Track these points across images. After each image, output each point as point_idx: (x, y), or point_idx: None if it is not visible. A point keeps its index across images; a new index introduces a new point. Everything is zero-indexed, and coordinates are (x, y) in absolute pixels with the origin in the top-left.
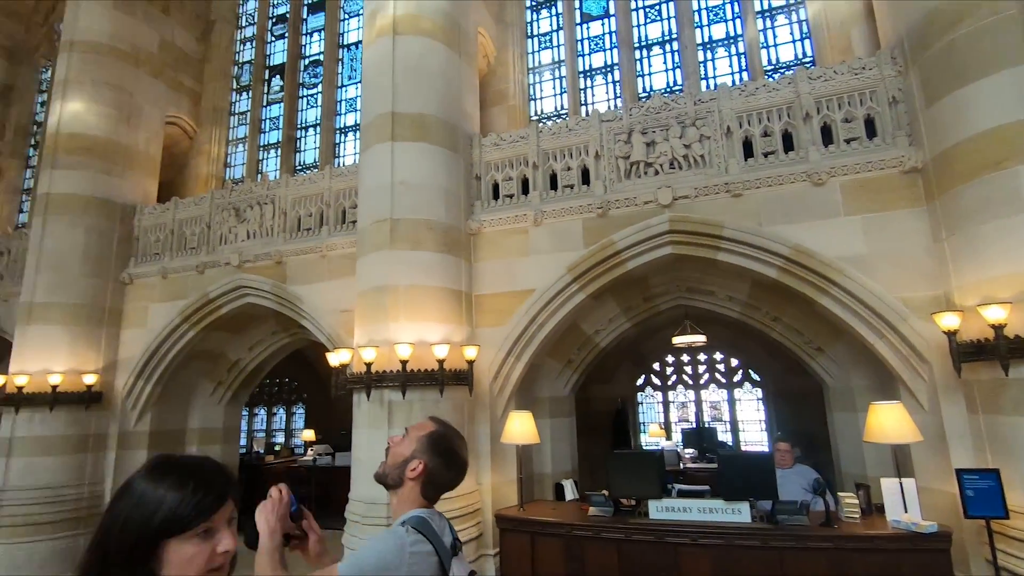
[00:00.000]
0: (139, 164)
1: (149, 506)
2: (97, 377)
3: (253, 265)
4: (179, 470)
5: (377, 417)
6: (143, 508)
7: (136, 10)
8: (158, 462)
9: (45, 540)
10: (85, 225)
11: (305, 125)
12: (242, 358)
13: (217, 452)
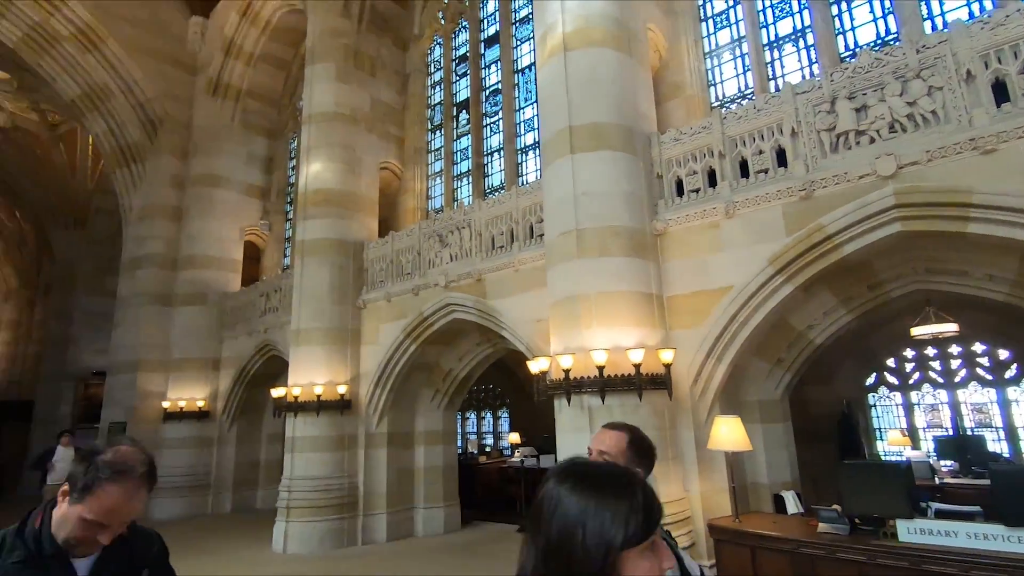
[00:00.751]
0: (363, 207)
1: (607, 517)
2: (347, 387)
3: (457, 284)
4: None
5: (579, 421)
6: (601, 519)
7: (352, 79)
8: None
9: (322, 521)
10: (330, 263)
11: (490, 151)
12: (453, 368)
13: (439, 452)
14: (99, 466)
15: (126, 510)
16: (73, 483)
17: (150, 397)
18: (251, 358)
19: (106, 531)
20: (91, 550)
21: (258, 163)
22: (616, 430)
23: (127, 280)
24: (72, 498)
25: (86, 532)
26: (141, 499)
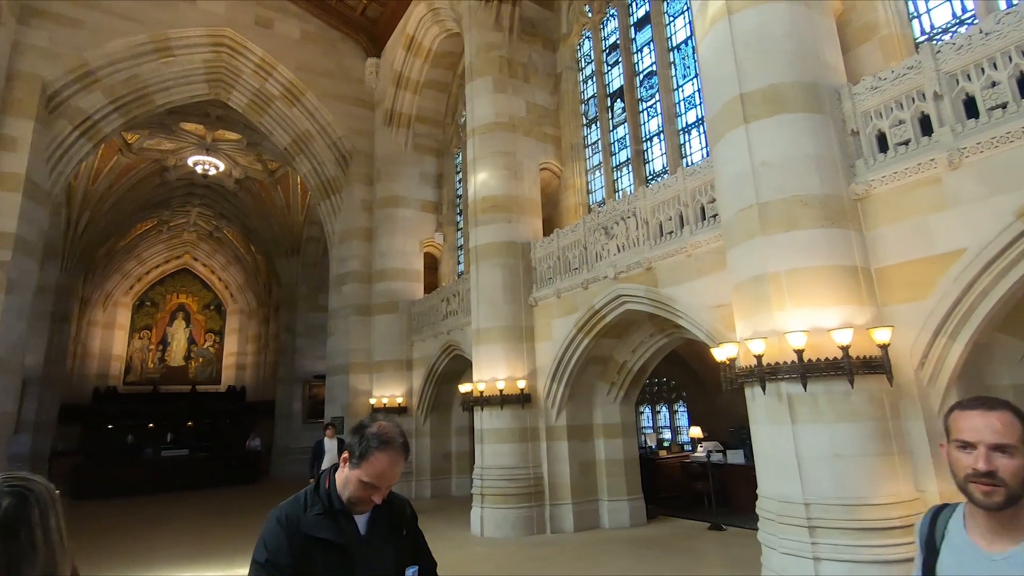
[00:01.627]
0: (527, 209)
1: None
2: (526, 382)
3: (627, 275)
4: None
5: (776, 412)
6: None
7: (507, 88)
8: None
9: (513, 508)
10: (501, 265)
11: (648, 136)
12: (627, 360)
13: (619, 446)
14: (369, 437)
15: (391, 474)
16: (351, 451)
17: (360, 395)
18: (437, 358)
19: (378, 492)
20: (366, 508)
21: (430, 181)
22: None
23: (335, 295)
24: (351, 464)
25: (363, 492)
26: (401, 466)
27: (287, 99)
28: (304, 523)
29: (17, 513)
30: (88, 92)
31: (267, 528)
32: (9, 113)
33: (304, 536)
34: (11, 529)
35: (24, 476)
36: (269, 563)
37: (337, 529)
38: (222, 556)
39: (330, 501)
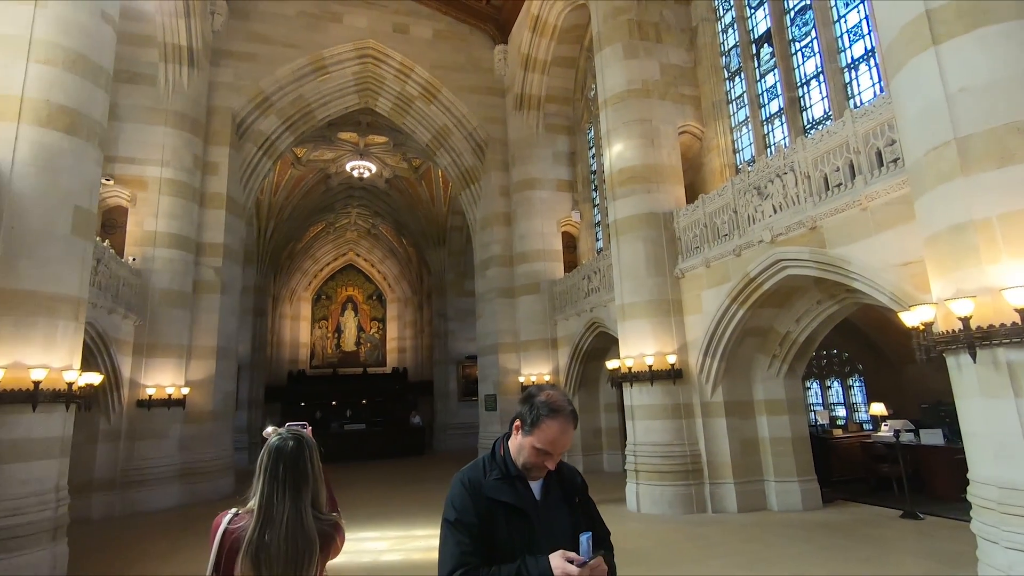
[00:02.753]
0: (667, 176)
1: None
2: (676, 357)
3: (786, 237)
4: None
5: (992, 383)
6: None
7: (639, 52)
8: None
9: (669, 486)
10: (642, 237)
11: (804, 80)
12: (791, 331)
13: (785, 423)
14: (538, 405)
15: (562, 441)
16: (523, 419)
17: (509, 373)
18: (581, 336)
19: (551, 458)
20: (540, 474)
21: (563, 160)
22: None
23: (480, 280)
24: (524, 431)
25: (537, 458)
26: (571, 433)
27: (425, 98)
28: (485, 487)
29: (299, 450)
30: (265, 116)
31: (453, 490)
32: (211, 143)
33: (486, 499)
34: (295, 460)
35: (297, 429)
36: (458, 521)
37: (515, 493)
38: (402, 519)
39: (506, 467)
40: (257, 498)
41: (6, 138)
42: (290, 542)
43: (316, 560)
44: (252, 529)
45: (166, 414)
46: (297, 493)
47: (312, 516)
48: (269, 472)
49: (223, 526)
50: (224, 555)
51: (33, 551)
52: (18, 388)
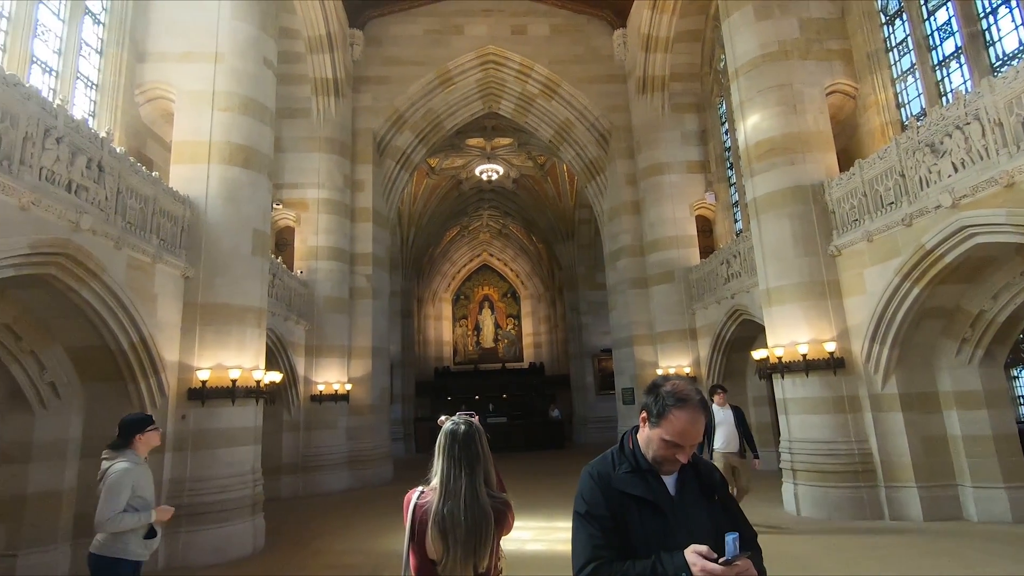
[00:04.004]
0: (813, 144)
1: None
2: (835, 344)
3: (972, 199)
4: None
5: None
6: None
7: (772, 11)
8: None
9: (833, 487)
10: (787, 214)
11: (990, 8)
12: (986, 310)
13: (984, 419)
14: (664, 396)
15: (692, 432)
16: (649, 411)
17: (646, 366)
18: (723, 325)
19: (682, 451)
20: (673, 468)
21: (692, 140)
22: None
23: (611, 271)
24: (651, 423)
25: (667, 451)
26: (701, 424)
27: (545, 95)
28: (615, 480)
29: (470, 433)
30: (400, 132)
31: (582, 483)
32: (357, 162)
33: (617, 492)
34: (468, 442)
35: (467, 416)
36: (589, 514)
37: (647, 487)
38: (544, 510)
39: (636, 460)
40: (439, 476)
41: (201, 177)
42: (469, 514)
43: (492, 532)
44: (437, 503)
45: (334, 407)
46: (471, 471)
47: (486, 493)
48: (447, 452)
49: (413, 502)
50: (416, 526)
51: (238, 522)
52: (220, 385)
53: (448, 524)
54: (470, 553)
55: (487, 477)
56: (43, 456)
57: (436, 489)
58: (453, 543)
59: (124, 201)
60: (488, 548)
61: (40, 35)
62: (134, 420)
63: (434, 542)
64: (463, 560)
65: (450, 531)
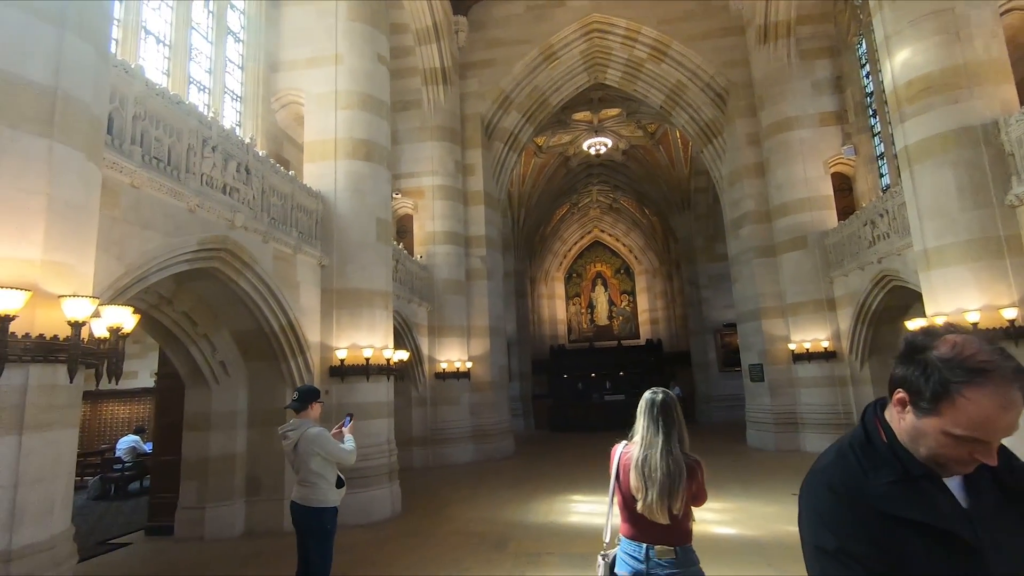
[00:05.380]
0: (984, 75)
1: None
2: (1018, 311)
3: None
4: None
5: None
6: None
7: None
8: None
9: None
10: (949, 162)
11: None
12: None
13: None
14: (942, 365)
15: (1003, 422)
16: (913, 389)
17: (776, 341)
18: (868, 293)
19: (984, 449)
20: (963, 470)
21: (826, 88)
22: None
23: (733, 241)
24: (920, 409)
25: (956, 451)
26: (1019, 407)
27: (655, 58)
28: (873, 494)
29: (667, 401)
30: (507, 113)
31: (818, 500)
32: (467, 147)
33: (882, 515)
34: (665, 408)
35: (663, 388)
36: (843, 552)
37: (932, 507)
38: None
39: (899, 461)
40: (640, 433)
41: (329, 172)
42: (664, 464)
43: (684, 481)
44: (638, 452)
45: (456, 384)
46: (668, 430)
47: (679, 450)
48: (647, 415)
49: (618, 452)
50: (621, 470)
51: (377, 488)
52: (356, 363)
53: (646, 470)
54: (665, 496)
55: (680, 437)
56: (219, 425)
57: (638, 443)
58: (651, 485)
59: (268, 199)
60: (681, 494)
61: (194, 58)
62: (312, 389)
63: (634, 483)
64: (659, 501)
65: (648, 476)
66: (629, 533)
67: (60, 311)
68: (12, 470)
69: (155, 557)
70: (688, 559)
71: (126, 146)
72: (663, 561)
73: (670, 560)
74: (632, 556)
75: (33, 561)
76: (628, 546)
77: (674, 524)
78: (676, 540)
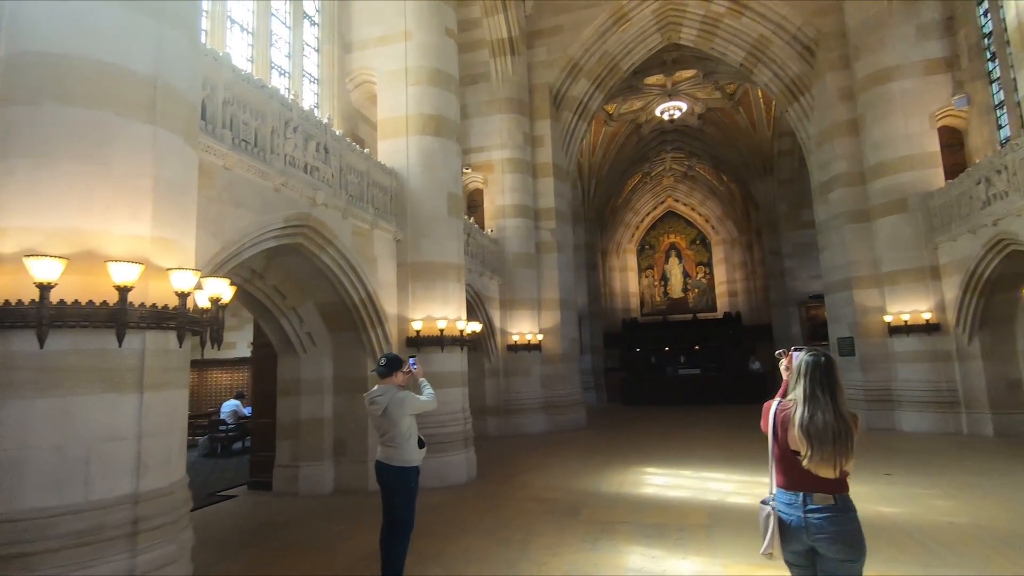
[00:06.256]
0: None
1: None
2: None
3: None
4: None
5: None
6: None
7: None
8: None
9: None
10: None
11: None
12: None
13: None
14: None
15: None
16: None
17: (869, 312)
18: (980, 259)
19: None
20: None
21: (932, 32)
22: None
23: (821, 206)
24: None
25: None
26: None
27: (734, 11)
28: None
29: (828, 362)
30: (576, 81)
31: None
32: (535, 118)
33: None
34: (827, 368)
35: (820, 349)
36: None
37: None
38: (747, 464)
39: None
40: (800, 391)
41: (401, 148)
42: (835, 423)
43: (854, 439)
44: (802, 411)
45: (528, 356)
46: (832, 391)
47: (845, 410)
48: (809, 375)
49: (774, 408)
50: (778, 427)
51: (453, 453)
52: (431, 334)
53: (814, 429)
54: (836, 455)
55: (842, 397)
56: (308, 391)
57: (797, 402)
58: (819, 444)
59: (345, 177)
60: (851, 452)
61: (274, 43)
62: (398, 357)
63: (800, 440)
64: (828, 460)
65: (815, 435)
66: (785, 484)
67: (168, 282)
68: (136, 423)
69: (257, 509)
70: (846, 506)
71: (218, 130)
72: (821, 507)
73: (829, 506)
74: (789, 504)
75: (156, 504)
76: (784, 495)
77: (839, 476)
78: (835, 489)
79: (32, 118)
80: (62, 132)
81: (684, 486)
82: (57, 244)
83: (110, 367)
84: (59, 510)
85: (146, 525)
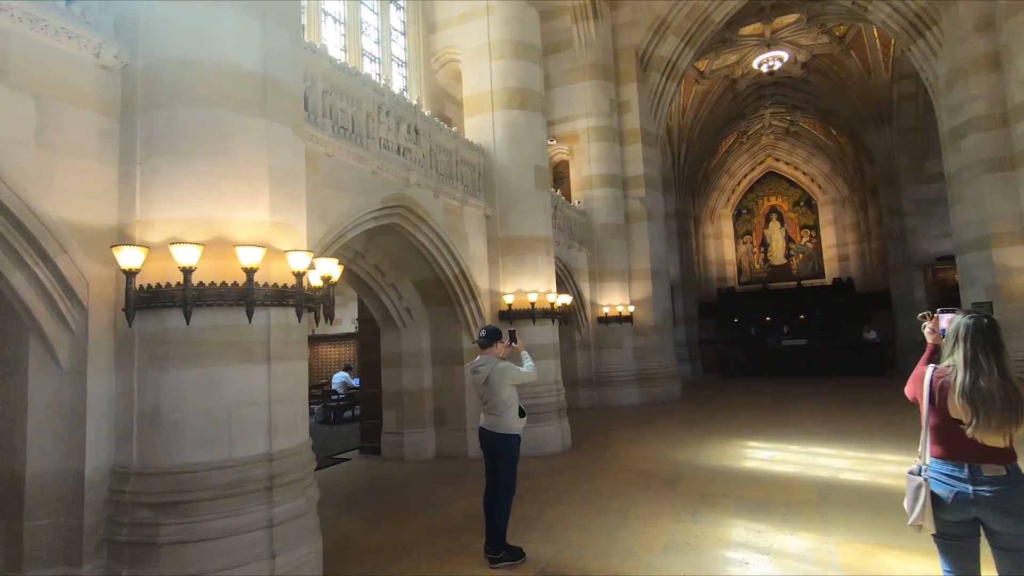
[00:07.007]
0: None
1: None
2: None
3: None
4: None
5: None
6: None
7: None
8: None
9: None
10: None
11: None
12: None
13: None
14: None
15: None
16: None
17: (1012, 273)
18: None
19: None
20: None
21: None
22: None
23: (951, 156)
24: None
25: None
26: None
27: None
28: None
29: (992, 324)
30: (663, 40)
31: None
32: (621, 83)
33: None
34: (991, 331)
35: (979, 310)
36: None
37: None
38: (862, 440)
39: None
40: (960, 356)
41: (487, 125)
42: (1003, 389)
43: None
44: (963, 377)
45: (619, 328)
46: (998, 355)
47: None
48: (970, 339)
49: (929, 374)
50: (936, 394)
51: (548, 424)
52: (522, 308)
53: (979, 396)
54: (1005, 423)
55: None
56: (409, 363)
57: (955, 367)
58: (985, 412)
59: (435, 156)
60: (1022, 419)
61: (364, 31)
62: (497, 329)
63: (962, 408)
64: (996, 427)
65: (981, 402)
66: (944, 454)
67: (286, 263)
68: (266, 391)
69: (368, 471)
70: (1019, 476)
71: (319, 119)
72: (994, 478)
73: (1001, 477)
74: (952, 476)
75: (286, 463)
76: (944, 467)
77: (1008, 444)
78: (1005, 459)
79: (168, 120)
80: (192, 131)
81: (790, 461)
82: (194, 232)
83: (243, 340)
84: (210, 464)
85: (279, 481)
